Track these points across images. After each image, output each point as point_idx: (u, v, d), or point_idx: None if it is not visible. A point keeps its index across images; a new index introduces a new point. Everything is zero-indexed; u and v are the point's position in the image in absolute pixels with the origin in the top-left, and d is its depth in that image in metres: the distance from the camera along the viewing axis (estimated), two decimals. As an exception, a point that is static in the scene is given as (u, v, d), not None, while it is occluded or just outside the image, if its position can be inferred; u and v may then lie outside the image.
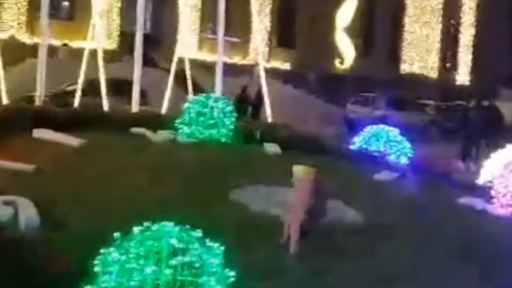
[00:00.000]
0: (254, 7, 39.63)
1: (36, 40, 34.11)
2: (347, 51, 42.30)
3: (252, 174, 10.79)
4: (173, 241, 5.15)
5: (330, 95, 37.65)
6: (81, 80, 18.34)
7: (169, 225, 5.38)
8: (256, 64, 39.51)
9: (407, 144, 16.12)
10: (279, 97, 32.84)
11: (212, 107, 13.49)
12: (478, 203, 11.69)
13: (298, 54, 41.22)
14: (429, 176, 13.49)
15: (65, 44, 34.37)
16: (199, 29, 38.89)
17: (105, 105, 17.01)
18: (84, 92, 18.44)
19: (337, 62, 42.10)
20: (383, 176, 12.69)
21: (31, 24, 34.82)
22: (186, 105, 13.73)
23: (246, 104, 30.32)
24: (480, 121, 21.79)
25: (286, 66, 41.16)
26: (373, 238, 8.93)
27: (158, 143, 12.63)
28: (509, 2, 45.44)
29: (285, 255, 7.98)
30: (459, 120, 27.04)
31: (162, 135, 13.19)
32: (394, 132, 16.21)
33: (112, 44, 35.93)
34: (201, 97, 14.03)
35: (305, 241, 8.33)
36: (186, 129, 13.40)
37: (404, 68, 44.04)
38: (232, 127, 13.71)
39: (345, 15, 40.84)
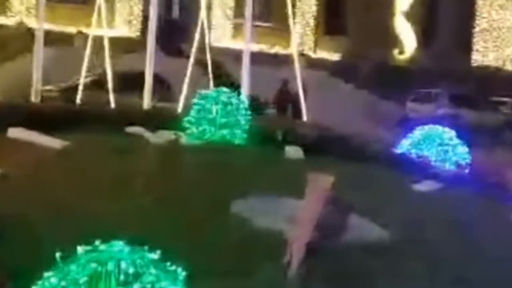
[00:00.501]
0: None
1: (48, 26, 34.45)
2: (407, 40, 41.98)
3: (263, 182, 10.44)
4: (123, 265, 4.91)
5: (386, 90, 36.90)
6: (83, 71, 18.18)
7: (119, 245, 5.15)
8: (300, 54, 39.56)
9: (464, 149, 15.61)
10: (325, 93, 32.56)
11: (225, 104, 13.22)
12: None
13: (350, 42, 40.59)
14: (483, 187, 12.91)
15: (80, 32, 34.55)
16: (234, 14, 38.52)
17: (112, 101, 16.95)
18: (95, 86, 18.35)
19: (395, 52, 41.87)
20: (424, 186, 12.27)
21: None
22: (193, 101, 13.47)
23: (286, 101, 29.92)
24: None
25: (335, 56, 40.54)
26: (398, 260, 8.58)
27: (155, 146, 12.32)
28: None
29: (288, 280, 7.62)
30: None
31: (162, 136, 12.87)
32: (449, 134, 15.66)
33: (133, 32, 36.09)
34: (212, 91, 13.74)
35: (314, 263, 7.97)
36: (194, 129, 13.16)
37: (476, 59, 43.01)
38: (248, 127, 13.41)
39: (404, -2, 40.54)
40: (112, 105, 16.91)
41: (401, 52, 40.14)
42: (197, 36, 20.40)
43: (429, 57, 39.70)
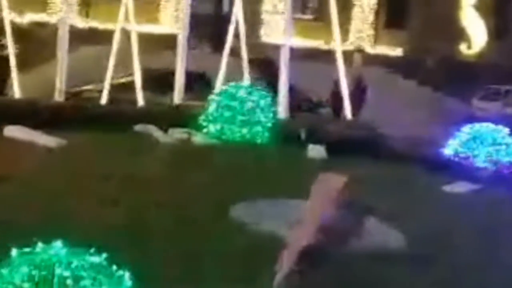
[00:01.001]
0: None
1: (91, 24, 34.64)
2: (476, 33, 41.12)
3: (274, 184, 10.20)
4: (58, 269, 4.77)
5: (452, 87, 36.10)
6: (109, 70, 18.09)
7: (57, 247, 5.02)
8: (359, 50, 39.10)
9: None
10: (385, 90, 32.06)
11: (243, 100, 13.00)
12: None
13: (412, 36, 39.90)
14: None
15: (123, 29, 34.65)
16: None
17: (141, 99, 16.86)
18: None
19: (463, 46, 41.04)
20: (456, 188, 11.83)
21: (87, 7, 35.22)
22: (210, 97, 13.26)
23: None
24: None
25: (396, 51, 39.90)
26: (414, 271, 8.19)
27: (163, 145, 12.15)
28: None
29: None
30: None
31: (173, 135, 12.69)
32: (502, 132, 15.08)
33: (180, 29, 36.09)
34: (231, 87, 13.50)
35: (311, 270, 7.59)
36: (211, 127, 12.98)
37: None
38: (270, 124, 13.17)
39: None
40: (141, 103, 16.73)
41: (469, 47, 39.17)
42: (230, 31, 19.81)
43: (500, 52, 38.70)
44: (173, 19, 35.20)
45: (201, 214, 8.97)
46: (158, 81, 20.69)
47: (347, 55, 38.20)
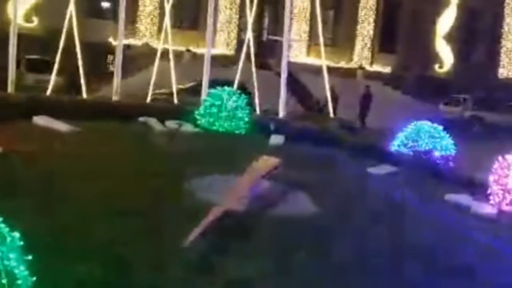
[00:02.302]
0: (360, 17, 38.58)
1: (165, 46, 34.26)
2: (446, 57, 39.76)
3: (232, 163, 9.18)
4: None
5: (426, 96, 34.95)
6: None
7: None
8: (360, 68, 38.04)
9: (450, 141, 13.90)
10: (377, 97, 30.98)
11: (226, 100, 12.21)
12: (465, 200, 9.59)
13: (399, 59, 38.71)
14: (434, 170, 11.27)
15: (188, 50, 34.24)
16: (308, 37, 37.37)
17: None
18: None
19: (436, 66, 39.71)
20: (379, 170, 10.78)
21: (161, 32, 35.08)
22: (203, 98, 12.53)
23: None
24: None
25: (387, 69, 38.70)
26: (320, 234, 7.19)
27: (156, 132, 11.43)
28: None
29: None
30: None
31: (168, 125, 11.98)
32: (438, 128, 13.97)
33: (230, 51, 35.54)
34: (217, 90, 12.70)
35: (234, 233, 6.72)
36: (202, 121, 12.23)
37: (502, 72, 40.21)
38: (247, 119, 12.34)
39: (444, 24, 38.23)
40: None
41: (440, 67, 37.88)
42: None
43: (462, 72, 37.38)
44: (225, 44, 34.88)
45: (161, 182, 8.14)
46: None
47: (352, 71, 37.66)
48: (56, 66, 16.09)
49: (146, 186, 7.83)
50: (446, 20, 37.84)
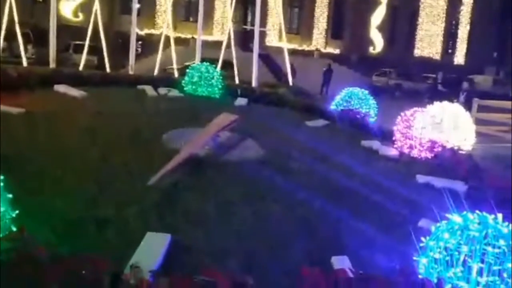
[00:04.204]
0: (316, 13, 37.46)
1: (176, 35, 33.14)
2: (378, 41, 38.62)
3: (202, 119, 8.37)
4: None
5: (364, 70, 34.07)
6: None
7: None
8: (316, 50, 37.00)
9: (373, 102, 13.14)
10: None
11: (203, 72, 11.41)
12: (376, 145, 8.99)
13: (345, 43, 37.55)
14: (356, 125, 10.60)
15: (193, 37, 33.04)
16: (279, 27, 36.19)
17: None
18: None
19: (371, 48, 38.68)
20: (315, 123, 10.14)
21: (175, 24, 34.01)
22: (188, 70, 11.70)
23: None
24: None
25: (337, 51, 37.59)
26: (267, 172, 6.48)
27: (148, 96, 10.65)
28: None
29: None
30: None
31: (160, 91, 11.19)
32: (365, 92, 13.19)
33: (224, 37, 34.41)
34: (197, 64, 11.90)
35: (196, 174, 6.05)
36: (188, 87, 11.45)
37: (417, 52, 39.24)
38: (220, 86, 11.57)
39: (377, 17, 36.89)
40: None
41: (374, 48, 36.77)
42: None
43: (389, 52, 36.33)
44: (220, 32, 33.78)
45: (145, 133, 7.43)
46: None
47: (311, 52, 36.59)
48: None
49: (129, 137, 7.16)
50: (378, 15, 36.54)
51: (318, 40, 37.06)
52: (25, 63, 15.41)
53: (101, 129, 7.20)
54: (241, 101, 10.99)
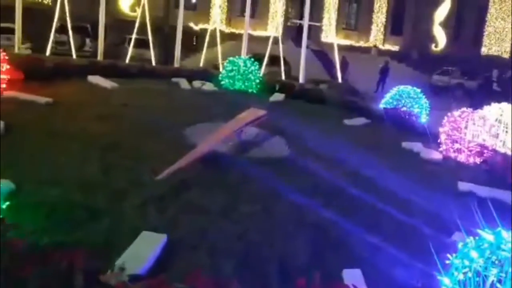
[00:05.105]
0: (375, 8, 35.94)
1: (231, 30, 33.19)
2: (440, 38, 36.65)
3: (227, 114, 8.11)
4: None
5: (424, 68, 32.44)
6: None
7: None
8: (374, 46, 35.57)
9: (425, 101, 12.27)
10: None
11: (240, 66, 11.01)
12: (418, 147, 8.24)
13: (405, 40, 35.94)
14: (401, 125, 9.83)
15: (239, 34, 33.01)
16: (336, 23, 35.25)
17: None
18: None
19: (433, 46, 36.78)
20: (353, 121, 9.49)
21: (229, 20, 34.04)
22: (225, 64, 11.35)
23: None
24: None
25: (395, 48, 36.08)
26: (291, 171, 6.13)
27: (180, 89, 10.39)
28: None
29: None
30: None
31: (194, 84, 10.90)
32: (416, 91, 12.34)
33: (279, 33, 33.97)
34: (235, 59, 11.50)
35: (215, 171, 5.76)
36: (225, 81, 11.12)
37: (483, 51, 36.82)
38: (258, 81, 11.13)
39: (441, 13, 35.04)
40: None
41: (436, 46, 34.93)
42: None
43: (452, 50, 34.35)
44: (274, 28, 33.40)
45: (161, 127, 7.14)
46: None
47: (369, 49, 35.29)
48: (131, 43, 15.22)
49: (147, 130, 6.92)
50: (442, 10, 34.68)
51: (377, 36, 35.67)
52: (74, 55, 15.68)
53: (120, 120, 7.01)
54: (277, 97, 10.53)
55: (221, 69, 15.08)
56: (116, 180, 4.98)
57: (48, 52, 12.47)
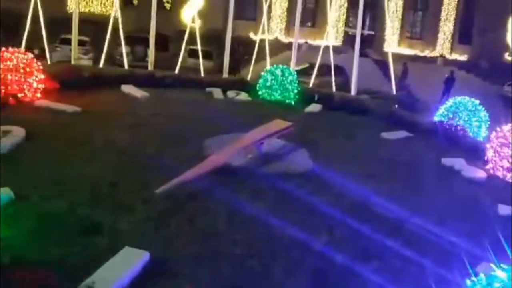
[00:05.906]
0: (442, 16, 34.18)
1: (289, 40, 32.94)
2: (515, 47, 34.21)
3: (251, 125, 7.69)
4: None
5: (494, 78, 30.28)
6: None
7: None
8: (441, 56, 33.77)
9: (485, 113, 11.25)
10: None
11: (278, 76, 10.65)
12: (459, 164, 7.45)
13: (474, 49, 33.86)
14: (449, 140, 8.96)
15: (306, 42, 32.48)
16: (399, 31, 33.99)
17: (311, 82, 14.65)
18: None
19: (506, 55, 34.32)
20: (392, 135, 8.79)
21: (288, 29, 33.84)
22: (262, 74, 11.02)
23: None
24: None
25: (463, 57, 34.09)
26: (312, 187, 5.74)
27: (214, 98, 10.15)
28: None
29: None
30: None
31: (227, 94, 10.63)
32: (474, 102, 11.33)
33: (338, 42, 33.29)
34: (272, 68, 11.12)
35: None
36: (262, 91, 10.80)
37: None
38: (296, 91, 10.72)
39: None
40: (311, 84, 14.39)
41: (509, 55, 32.57)
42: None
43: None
44: (333, 38, 32.68)
45: (183, 139, 6.97)
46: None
47: (435, 59, 33.55)
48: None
49: (169, 141, 6.76)
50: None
51: (443, 46, 33.86)
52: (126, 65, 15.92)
53: (142, 131, 6.94)
54: (313, 108, 10.07)
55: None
56: (119, 193, 4.87)
57: (101, 63, 12.73)
